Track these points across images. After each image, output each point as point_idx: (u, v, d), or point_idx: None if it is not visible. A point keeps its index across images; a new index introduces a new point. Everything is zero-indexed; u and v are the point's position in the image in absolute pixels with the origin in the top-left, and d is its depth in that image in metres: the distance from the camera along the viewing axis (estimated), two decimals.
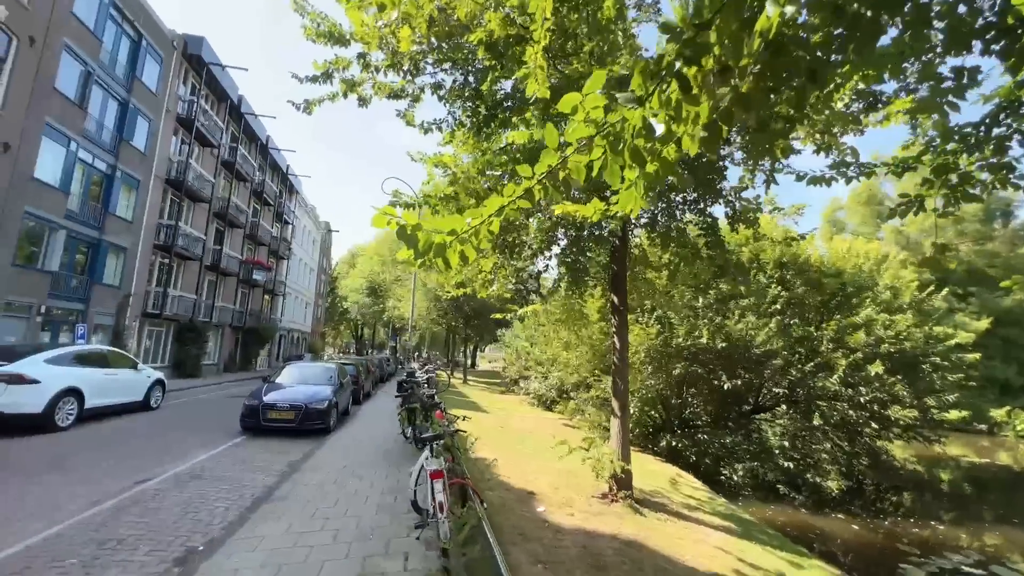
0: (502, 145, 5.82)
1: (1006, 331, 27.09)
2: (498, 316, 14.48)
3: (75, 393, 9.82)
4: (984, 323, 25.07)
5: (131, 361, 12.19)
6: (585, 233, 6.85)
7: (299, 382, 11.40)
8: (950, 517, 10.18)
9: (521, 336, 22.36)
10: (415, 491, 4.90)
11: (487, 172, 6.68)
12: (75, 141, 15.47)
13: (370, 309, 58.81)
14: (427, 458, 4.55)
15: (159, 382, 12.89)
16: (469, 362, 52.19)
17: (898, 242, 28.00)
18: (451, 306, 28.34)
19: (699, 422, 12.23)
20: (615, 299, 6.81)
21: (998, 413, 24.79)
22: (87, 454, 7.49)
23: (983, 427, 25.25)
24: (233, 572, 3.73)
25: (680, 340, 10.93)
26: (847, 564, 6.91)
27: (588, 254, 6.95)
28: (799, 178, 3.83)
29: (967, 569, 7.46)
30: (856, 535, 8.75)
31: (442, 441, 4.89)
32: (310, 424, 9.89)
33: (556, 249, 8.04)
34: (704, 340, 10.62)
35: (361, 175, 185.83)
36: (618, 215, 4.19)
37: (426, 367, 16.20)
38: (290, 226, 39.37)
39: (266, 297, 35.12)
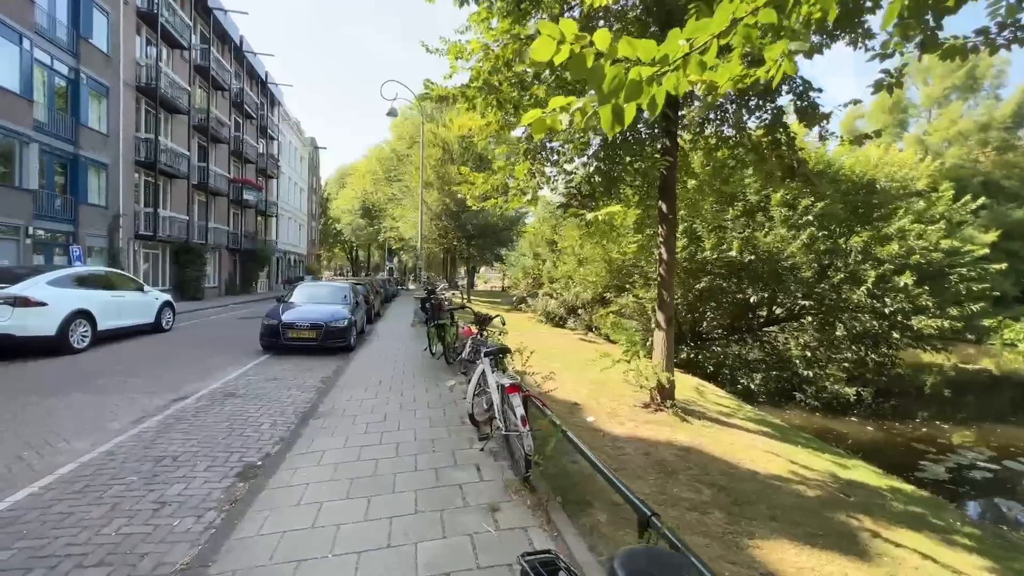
0: None
1: (1011, 244, 27.09)
2: (521, 230, 13.91)
3: (85, 315, 9.49)
4: (992, 236, 24.94)
5: (136, 283, 11.74)
6: (629, 137, 6.16)
7: (314, 302, 11.12)
8: (959, 418, 10.70)
9: (527, 254, 21.95)
10: (472, 404, 4.75)
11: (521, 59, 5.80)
12: (27, 37, 13.59)
13: (364, 230, 57.66)
14: (490, 372, 4.33)
15: (168, 304, 12.57)
16: (466, 283, 52.47)
17: (917, 152, 26.91)
18: (453, 225, 27.56)
19: (715, 334, 12.33)
20: (663, 206, 6.29)
21: (989, 322, 25.56)
22: (112, 375, 7.31)
23: (971, 336, 26.21)
24: (304, 486, 3.61)
25: (707, 253, 10.57)
26: (872, 463, 7.23)
27: (633, 157, 6.30)
28: (944, 54, 3.15)
29: (982, 464, 7.91)
30: (873, 436, 9.18)
31: (504, 355, 4.65)
32: (332, 342, 9.76)
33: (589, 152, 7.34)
34: (733, 253, 10.28)
35: (340, 91, 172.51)
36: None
37: (438, 287, 15.96)
38: (275, 142, 37.01)
39: (259, 218, 33.95)
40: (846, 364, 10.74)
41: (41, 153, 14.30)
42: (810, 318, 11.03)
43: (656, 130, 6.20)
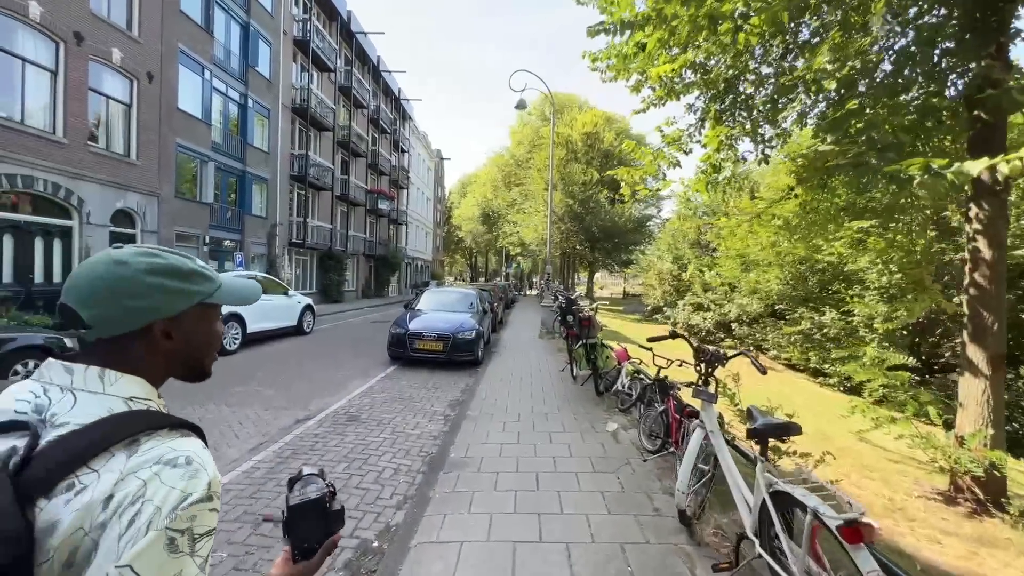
0: None
1: None
2: (647, 233, 11.75)
3: (237, 318, 9.83)
4: None
5: (282, 287, 12.22)
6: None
7: (441, 309, 10.35)
8: None
9: (665, 256, 19.41)
10: (688, 491, 3.02)
11: None
12: (208, 69, 15.35)
13: (483, 237, 59.10)
14: (724, 447, 2.56)
15: (309, 307, 12.96)
16: (584, 289, 50.42)
17: None
18: (576, 227, 25.96)
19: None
20: (979, 170, 3.87)
21: None
22: (250, 382, 7.05)
23: None
24: None
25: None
26: None
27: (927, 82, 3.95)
28: None
29: None
30: None
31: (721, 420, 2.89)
32: (458, 356, 8.77)
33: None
34: None
35: (461, 102, 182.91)
36: None
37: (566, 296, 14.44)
38: (406, 154, 39.26)
39: (391, 226, 36.15)
40: None
41: (216, 170, 16.10)
42: None
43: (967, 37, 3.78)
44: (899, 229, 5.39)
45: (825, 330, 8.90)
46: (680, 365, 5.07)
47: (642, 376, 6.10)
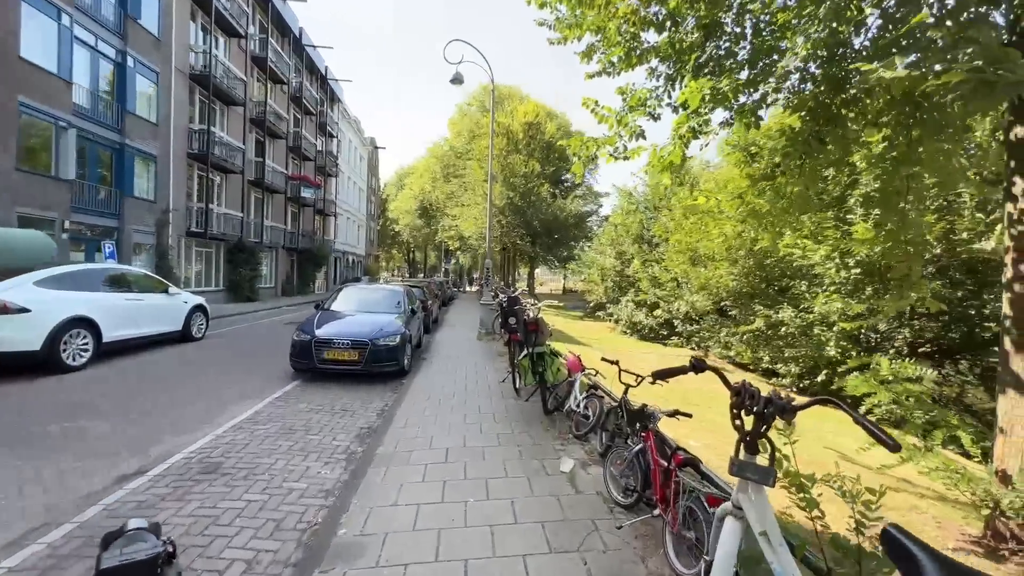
0: None
1: None
2: (587, 231, 10.82)
3: (86, 323, 7.60)
4: None
5: (160, 283, 9.92)
6: None
7: (360, 310, 8.73)
8: None
9: (608, 252, 18.82)
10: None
11: None
12: (66, 13, 12.39)
13: (421, 231, 56.74)
14: (763, 549, 1.39)
15: (199, 308, 10.72)
16: (524, 285, 49.80)
17: None
18: (517, 221, 24.88)
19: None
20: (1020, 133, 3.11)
21: None
22: (80, 415, 5.09)
23: None
24: None
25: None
26: None
27: None
28: None
29: None
30: None
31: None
32: (379, 366, 7.25)
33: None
34: None
35: (398, 91, 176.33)
36: None
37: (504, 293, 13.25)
38: (335, 139, 36.25)
39: (317, 217, 33.14)
40: None
41: (81, 140, 13.13)
42: None
43: None
44: (887, 217, 4.72)
45: (784, 328, 8.43)
46: (653, 382, 3.98)
47: (599, 392, 4.98)
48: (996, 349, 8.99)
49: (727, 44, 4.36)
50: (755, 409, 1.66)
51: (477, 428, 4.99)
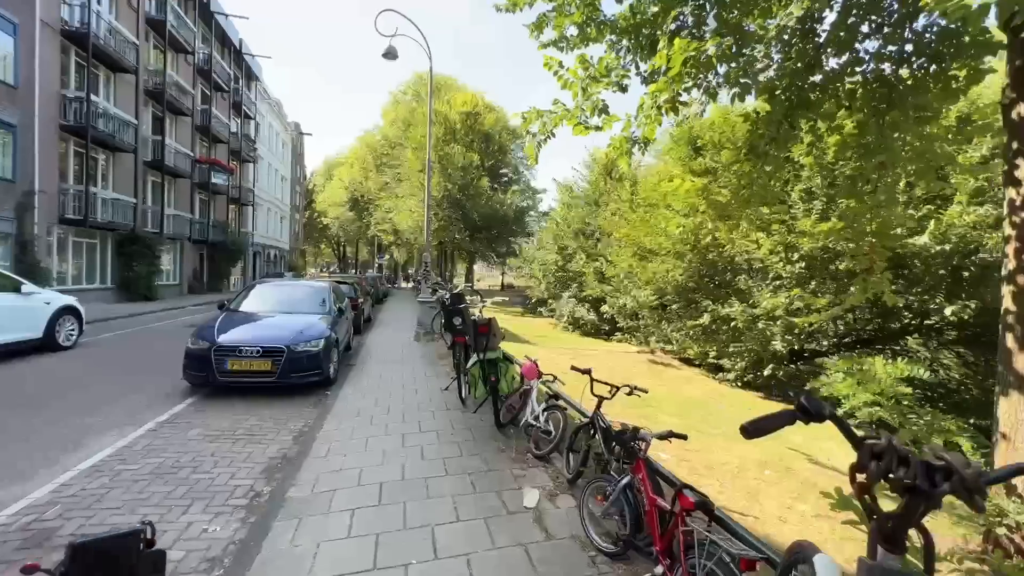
0: None
1: None
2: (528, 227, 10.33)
3: None
4: None
5: (8, 280, 7.97)
6: None
7: (276, 310, 7.48)
8: None
9: (550, 247, 18.45)
10: None
11: None
12: None
13: (353, 225, 53.68)
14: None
15: (69, 310, 8.80)
16: (462, 281, 48.81)
17: None
18: (456, 214, 23.88)
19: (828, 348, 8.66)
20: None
21: None
22: None
23: None
24: None
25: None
26: None
27: None
28: None
29: None
30: None
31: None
32: (299, 376, 6.15)
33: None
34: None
35: (327, 75, 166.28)
36: None
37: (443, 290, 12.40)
38: (252, 122, 32.93)
39: (232, 207, 29.91)
40: None
41: None
42: None
43: None
44: (857, 208, 4.53)
45: (733, 323, 8.39)
46: (631, 393, 3.40)
47: (561, 403, 4.35)
48: (910, 339, 9.61)
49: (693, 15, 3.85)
50: (907, 481, 1.02)
51: (418, 452, 4.16)
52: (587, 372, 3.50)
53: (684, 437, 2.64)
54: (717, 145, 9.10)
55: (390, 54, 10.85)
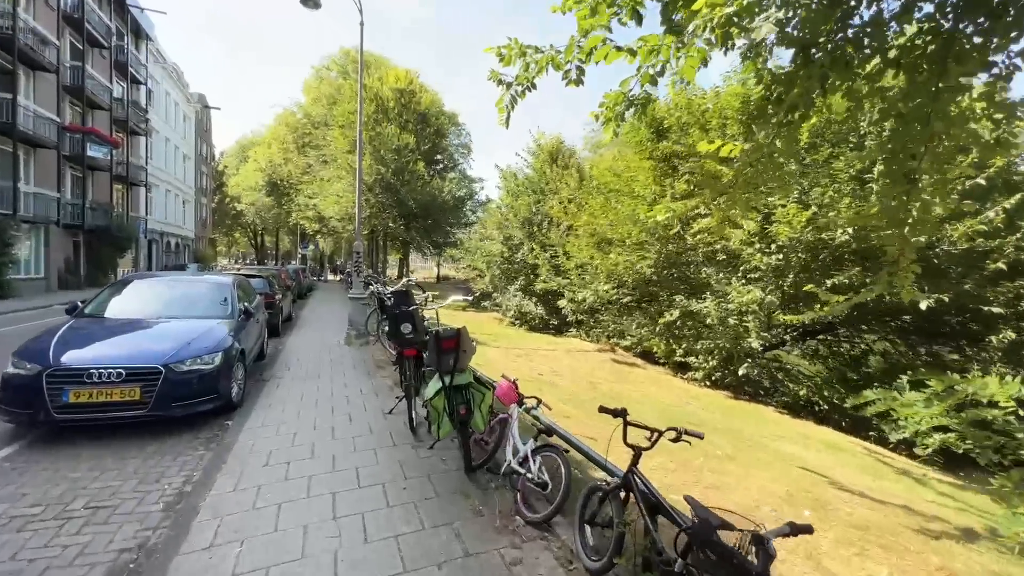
0: None
1: None
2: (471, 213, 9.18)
3: None
4: None
5: None
6: None
7: (158, 314, 5.66)
8: None
9: (495, 237, 17.25)
10: None
11: None
12: None
13: (271, 211, 48.83)
14: None
15: None
16: (396, 274, 46.38)
17: None
18: (390, 200, 21.89)
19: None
20: None
21: None
22: None
23: None
24: None
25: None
26: None
27: None
28: None
29: None
30: None
31: None
32: (184, 404, 4.54)
33: None
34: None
35: (239, 42, 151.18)
36: None
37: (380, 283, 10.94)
38: (143, 88, 28.26)
39: (118, 187, 25.46)
40: None
41: None
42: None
43: None
44: (894, 189, 3.89)
45: (707, 318, 7.79)
46: (677, 439, 2.34)
47: (556, 441, 3.27)
48: (857, 328, 9.66)
49: None
50: None
51: (358, 528, 2.86)
52: (620, 414, 2.43)
53: (809, 530, 1.64)
54: (682, 128, 8.49)
55: (311, 1, 9.01)
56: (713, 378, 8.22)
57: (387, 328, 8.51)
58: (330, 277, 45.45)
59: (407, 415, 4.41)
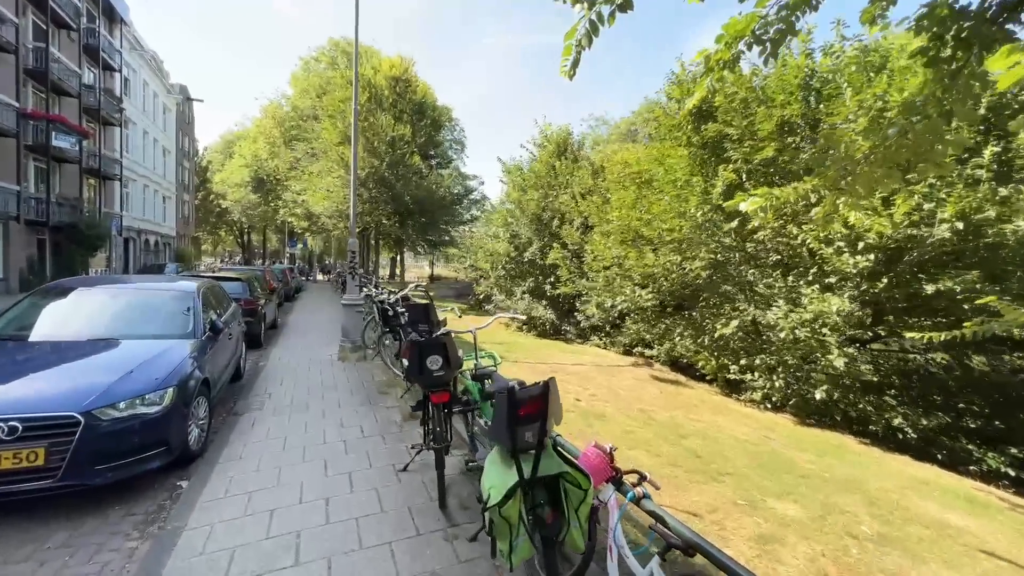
0: None
1: None
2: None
3: None
4: None
5: None
6: None
7: (88, 333, 4.29)
8: None
9: (501, 235, 15.87)
10: None
11: None
12: None
13: (258, 209, 46.90)
14: None
15: None
16: (388, 274, 44.83)
17: None
18: (384, 195, 20.42)
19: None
20: None
21: None
22: None
23: None
24: None
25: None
26: None
27: None
28: None
29: None
30: None
31: None
32: (113, 467, 3.21)
33: None
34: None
35: (225, 30, 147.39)
36: None
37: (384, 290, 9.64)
38: (117, 76, 26.45)
39: (91, 181, 23.68)
40: None
41: None
42: None
43: None
44: None
45: (773, 332, 6.51)
46: None
47: (698, 568, 1.98)
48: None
49: None
50: None
51: None
52: None
53: None
54: (739, 106, 7.25)
55: None
56: (773, 399, 6.99)
57: (387, 341, 7.22)
58: (319, 277, 43.71)
59: (439, 486, 3.09)
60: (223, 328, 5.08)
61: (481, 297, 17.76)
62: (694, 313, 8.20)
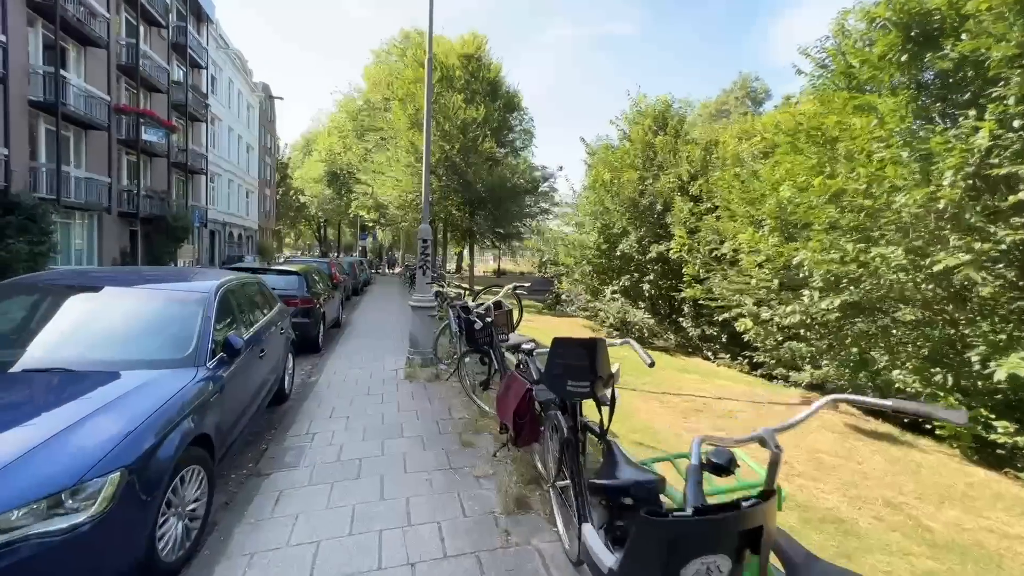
0: None
1: None
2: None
3: None
4: None
5: None
6: None
7: (28, 359, 2.75)
8: None
9: (588, 226, 13.69)
10: None
11: None
12: None
13: (332, 203, 48.07)
14: None
15: None
16: (454, 267, 43.96)
17: None
18: (456, 183, 18.90)
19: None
20: None
21: None
22: None
23: None
24: None
25: None
26: None
27: None
28: None
29: None
30: None
31: None
32: None
33: None
34: None
35: (310, 34, 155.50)
36: None
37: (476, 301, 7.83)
38: (204, 73, 27.30)
39: (177, 174, 24.50)
40: None
41: None
42: None
43: None
44: None
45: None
46: None
47: None
48: None
49: None
50: None
51: None
52: None
53: None
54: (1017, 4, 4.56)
55: None
56: None
57: (468, 359, 5.45)
58: (386, 270, 43.87)
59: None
60: (245, 347, 3.45)
61: (553, 296, 15.64)
62: (925, 331, 5.45)
